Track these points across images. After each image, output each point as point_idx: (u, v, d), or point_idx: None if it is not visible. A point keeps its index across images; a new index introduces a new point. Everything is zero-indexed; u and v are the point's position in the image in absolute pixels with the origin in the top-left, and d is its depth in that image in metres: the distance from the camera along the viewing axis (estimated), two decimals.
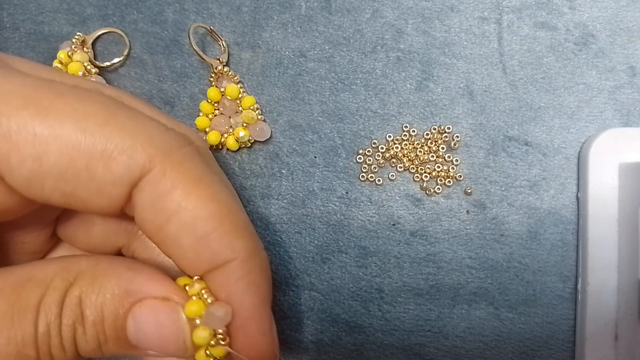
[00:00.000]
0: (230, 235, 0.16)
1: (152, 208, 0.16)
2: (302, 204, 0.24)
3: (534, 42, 0.25)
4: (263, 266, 0.17)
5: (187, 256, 0.16)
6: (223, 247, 0.16)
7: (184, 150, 0.16)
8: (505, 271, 0.24)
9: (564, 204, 0.24)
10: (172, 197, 0.15)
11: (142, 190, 0.15)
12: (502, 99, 0.24)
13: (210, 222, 0.16)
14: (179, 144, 0.16)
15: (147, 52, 0.25)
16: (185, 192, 0.15)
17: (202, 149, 0.20)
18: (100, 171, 0.15)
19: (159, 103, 0.25)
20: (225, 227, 0.16)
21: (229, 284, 0.16)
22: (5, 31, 0.25)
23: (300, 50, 0.25)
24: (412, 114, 0.24)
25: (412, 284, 0.24)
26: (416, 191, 0.24)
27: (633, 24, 0.25)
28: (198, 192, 0.16)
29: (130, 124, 0.15)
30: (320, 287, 0.24)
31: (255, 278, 0.16)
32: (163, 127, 0.16)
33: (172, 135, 0.16)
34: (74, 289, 0.15)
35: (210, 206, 0.16)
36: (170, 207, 0.15)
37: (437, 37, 0.25)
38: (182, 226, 0.16)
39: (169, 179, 0.15)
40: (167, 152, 0.15)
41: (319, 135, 0.24)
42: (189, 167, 0.16)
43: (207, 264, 0.16)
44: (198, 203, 0.16)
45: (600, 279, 0.23)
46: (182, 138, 0.16)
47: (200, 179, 0.16)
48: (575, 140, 0.24)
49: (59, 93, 0.15)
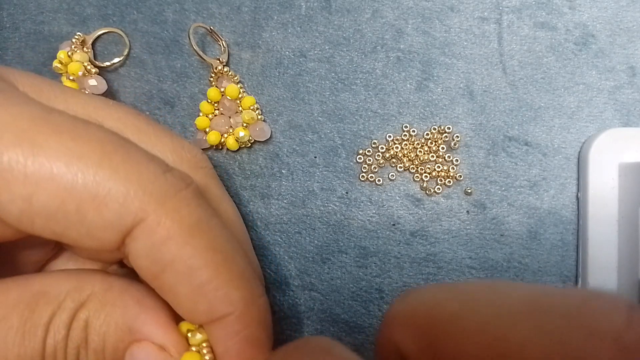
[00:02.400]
0: (227, 285, 0.15)
1: (147, 257, 0.15)
2: (302, 204, 0.24)
3: (534, 42, 0.25)
4: (261, 316, 0.16)
5: (184, 306, 0.16)
6: (219, 299, 0.15)
7: (180, 196, 0.15)
8: (505, 271, 0.24)
9: (564, 204, 0.24)
10: (167, 247, 0.15)
11: (136, 239, 0.15)
12: (502, 99, 0.24)
13: (206, 272, 0.15)
14: (176, 189, 0.15)
15: (147, 52, 0.25)
16: (180, 242, 0.15)
17: (200, 163, 0.19)
18: (91, 216, 0.14)
19: (159, 103, 0.25)
20: (221, 277, 0.15)
21: (226, 339, 0.16)
22: (5, 31, 0.25)
23: (300, 50, 0.25)
24: (412, 114, 0.24)
25: (412, 284, 0.24)
26: (416, 191, 0.24)
27: (633, 24, 0.25)
28: (194, 241, 0.15)
29: (125, 167, 0.15)
30: (320, 287, 0.24)
31: (253, 332, 0.16)
32: (161, 169, 0.16)
33: (169, 179, 0.16)
34: (83, 311, 0.15)
35: (206, 256, 0.15)
36: (165, 258, 0.15)
37: (437, 37, 0.25)
38: (177, 276, 0.15)
39: (164, 229, 0.15)
40: (162, 199, 0.15)
41: (319, 135, 0.24)
42: (184, 214, 0.15)
43: (205, 316, 0.16)
44: (194, 253, 0.15)
45: (600, 279, 0.23)
46: (180, 180, 0.16)
47: (196, 226, 0.15)
48: (575, 140, 0.24)
49: (55, 128, 0.14)
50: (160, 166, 0.16)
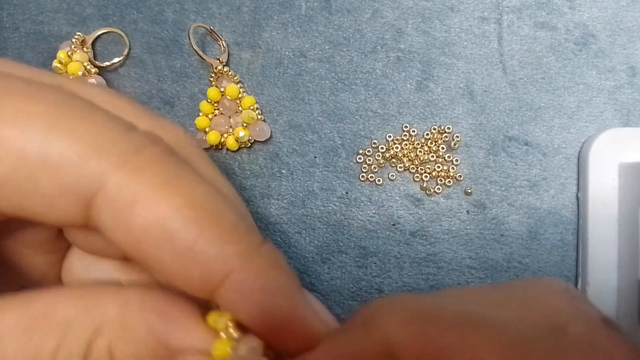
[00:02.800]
0: (217, 242, 0.13)
1: (119, 228, 0.13)
2: (302, 204, 0.24)
3: (534, 42, 0.25)
4: (270, 263, 0.14)
5: (177, 278, 0.14)
6: (212, 259, 0.13)
7: (145, 153, 0.14)
8: (505, 271, 0.24)
9: (564, 204, 0.24)
10: (137, 212, 0.13)
11: (102, 208, 0.13)
12: (502, 99, 0.24)
13: (189, 232, 0.13)
14: (139, 146, 0.14)
15: (147, 52, 0.25)
16: (151, 203, 0.13)
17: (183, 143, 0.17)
18: (44, 182, 0.13)
19: (159, 103, 0.25)
20: (208, 234, 0.13)
21: (242, 303, 0.14)
22: (5, 31, 0.25)
23: (300, 50, 0.25)
24: (412, 114, 0.24)
25: (412, 284, 0.24)
26: (416, 191, 0.24)
27: (633, 24, 0.25)
28: (168, 200, 0.13)
29: (82, 126, 0.13)
30: (320, 287, 0.24)
31: (266, 283, 0.14)
32: (123, 127, 0.14)
33: (132, 136, 0.14)
34: (101, 339, 0.13)
35: (186, 213, 0.13)
36: (138, 224, 0.13)
37: (437, 37, 0.25)
38: (157, 244, 0.13)
39: (128, 191, 0.13)
40: (123, 158, 0.13)
41: (319, 135, 0.24)
42: (152, 172, 0.13)
43: (203, 283, 0.14)
44: (169, 213, 0.13)
45: (600, 279, 0.23)
46: (145, 138, 0.14)
47: (168, 182, 0.13)
48: (575, 140, 0.24)
49: (7, 90, 0.13)
50: (121, 124, 0.14)
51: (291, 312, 0.14)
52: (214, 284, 0.14)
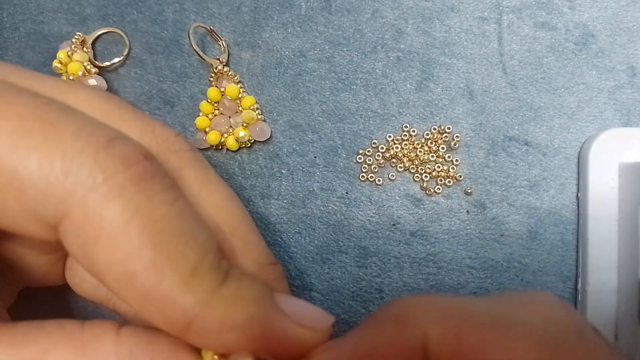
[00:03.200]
0: (177, 290, 0.13)
1: (83, 258, 0.13)
2: (302, 204, 0.24)
3: (534, 42, 0.25)
4: (230, 300, 0.14)
5: (142, 315, 0.14)
6: (172, 307, 0.13)
7: (113, 182, 0.13)
8: (505, 271, 0.24)
9: (564, 204, 0.24)
10: (98, 248, 0.13)
11: (66, 236, 0.13)
12: (502, 99, 0.24)
13: (149, 276, 0.13)
14: (108, 173, 0.13)
15: (147, 52, 0.25)
16: (111, 241, 0.13)
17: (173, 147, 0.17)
18: (11, 204, 0.13)
19: (159, 103, 0.25)
20: (168, 280, 0.13)
21: (210, 342, 0.14)
22: (5, 31, 0.25)
23: (300, 50, 0.25)
24: (412, 114, 0.24)
25: (412, 284, 0.24)
26: (416, 191, 0.24)
27: (633, 24, 0.25)
28: (128, 239, 0.13)
29: (47, 146, 0.12)
30: (320, 287, 0.24)
31: (229, 321, 0.14)
32: (94, 148, 0.13)
33: (102, 159, 0.13)
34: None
35: (146, 256, 0.13)
36: (99, 260, 0.13)
37: (437, 37, 0.25)
38: (118, 283, 0.13)
39: (91, 225, 0.12)
40: (88, 186, 0.12)
41: (319, 135, 0.24)
42: (117, 205, 0.13)
43: (167, 326, 0.14)
44: (130, 253, 0.13)
45: (600, 279, 0.23)
46: (118, 161, 0.13)
47: (131, 219, 0.13)
48: (575, 140, 0.24)
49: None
50: (93, 143, 0.13)
51: (267, 336, 0.14)
52: (177, 329, 0.14)
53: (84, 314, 0.24)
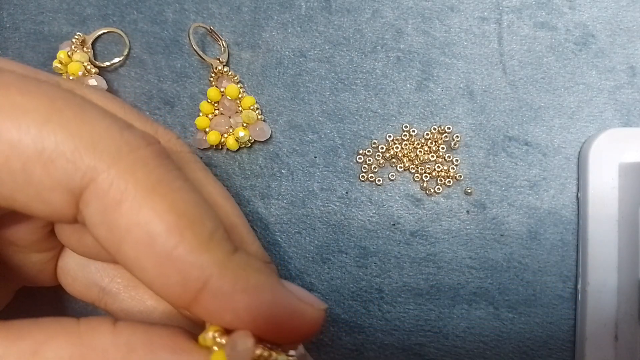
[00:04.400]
0: (196, 250, 0.14)
1: (103, 224, 0.14)
2: (302, 204, 0.24)
3: (534, 42, 0.25)
4: (243, 265, 0.15)
5: (156, 282, 0.14)
6: (191, 266, 0.14)
7: (138, 154, 0.14)
8: (505, 271, 0.24)
9: (564, 204, 0.24)
10: (121, 211, 0.13)
11: (89, 203, 0.14)
12: (502, 99, 0.24)
13: (169, 238, 0.13)
14: (132, 146, 0.14)
15: (147, 52, 0.25)
16: (136, 205, 0.13)
17: (175, 148, 0.18)
18: (38, 175, 0.13)
19: (159, 103, 0.25)
20: (187, 241, 0.14)
21: (221, 307, 0.14)
22: (5, 31, 0.25)
23: (300, 50, 0.25)
24: (412, 114, 0.24)
25: (412, 284, 0.24)
26: (416, 191, 0.24)
27: (633, 24, 0.25)
28: (152, 204, 0.13)
29: (76, 122, 0.13)
30: (320, 287, 0.24)
31: (241, 284, 0.14)
32: (118, 126, 0.14)
33: (127, 135, 0.14)
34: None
35: (168, 219, 0.13)
36: (121, 224, 0.13)
37: (437, 37, 0.25)
38: (138, 246, 0.14)
39: (116, 190, 0.13)
40: (115, 157, 0.13)
41: (319, 135, 0.24)
42: (142, 173, 0.14)
43: (182, 288, 0.14)
44: (152, 217, 0.13)
45: (600, 279, 0.23)
46: (140, 138, 0.14)
47: (155, 187, 0.14)
48: (575, 140, 0.24)
49: (3, 84, 0.13)
50: (117, 123, 0.14)
51: (273, 304, 0.15)
52: (191, 291, 0.14)
53: (84, 314, 0.24)
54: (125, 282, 0.19)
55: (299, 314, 0.15)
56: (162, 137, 0.18)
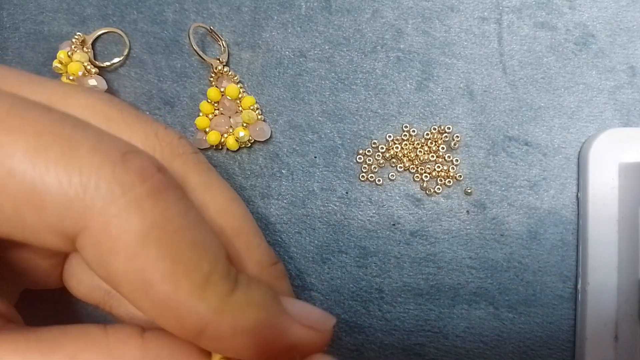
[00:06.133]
0: (192, 298, 0.14)
1: (99, 268, 0.13)
2: (302, 204, 0.24)
3: (534, 42, 0.25)
4: (242, 305, 0.14)
5: (156, 322, 0.14)
6: (187, 314, 0.14)
7: (131, 195, 0.13)
8: (505, 271, 0.24)
9: (564, 204, 0.24)
10: (115, 260, 0.13)
11: (84, 247, 0.13)
12: (502, 99, 0.24)
13: (165, 285, 0.13)
14: (126, 187, 0.13)
15: (147, 52, 0.25)
16: (129, 254, 0.13)
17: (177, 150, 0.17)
18: (30, 218, 0.13)
19: (159, 103, 0.25)
20: (183, 289, 0.13)
21: (221, 347, 0.14)
22: (5, 31, 0.25)
23: (300, 50, 0.25)
24: (412, 114, 0.24)
25: (412, 284, 0.24)
26: (416, 191, 0.24)
27: (633, 24, 0.25)
28: (147, 250, 0.13)
29: (64, 162, 0.13)
30: (320, 287, 0.24)
31: (240, 326, 0.14)
32: (111, 161, 0.13)
33: (119, 174, 0.13)
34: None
35: (163, 267, 0.13)
36: (116, 271, 0.13)
37: (437, 37, 0.25)
38: (134, 292, 0.13)
39: (108, 239, 0.13)
40: (108, 200, 0.13)
41: (319, 135, 0.24)
42: (136, 217, 0.13)
43: (181, 332, 0.14)
44: (146, 265, 0.13)
45: (600, 279, 0.23)
46: (135, 175, 0.13)
47: (149, 232, 0.13)
48: (575, 140, 0.24)
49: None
50: (109, 158, 0.13)
51: (275, 339, 0.15)
52: (190, 335, 0.14)
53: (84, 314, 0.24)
54: None
55: (302, 343, 0.15)
56: (162, 139, 0.18)
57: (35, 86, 0.16)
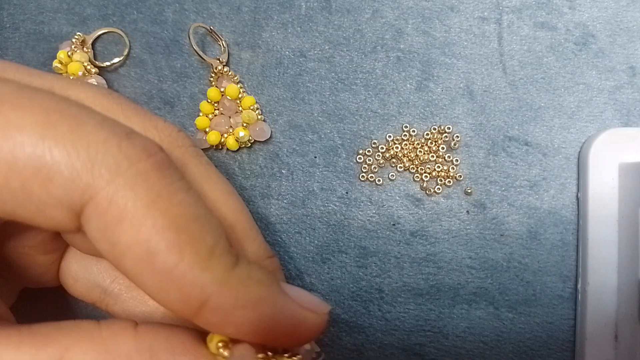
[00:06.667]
0: (196, 268, 0.14)
1: (104, 240, 0.14)
2: (302, 204, 0.24)
3: (534, 42, 0.25)
4: (244, 280, 0.15)
5: (157, 296, 0.14)
6: (191, 285, 0.14)
7: (137, 168, 0.14)
8: (505, 271, 0.24)
9: (564, 204, 0.24)
10: (121, 229, 0.13)
11: (89, 219, 0.13)
12: (502, 99, 0.24)
13: (170, 255, 0.13)
14: (132, 160, 0.14)
15: (147, 52, 0.25)
16: (135, 222, 0.13)
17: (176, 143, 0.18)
18: (37, 193, 0.13)
19: (159, 103, 0.25)
20: (188, 259, 0.14)
21: (222, 322, 0.14)
22: (5, 31, 0.25)
23: (300, 50, 0.25)
24: (412, 114, 0.24)
25: (412, 284, 0.24)
26: (416, 191, 0.24)
27: (633, 24, 0.25)
28: (152, 221, 0.13)
29: (72, 137, 0.13)
30: (320, 287, 0.24)
31: (242, 300, 0.14)
32: (117, 137, 0.14)
33: (125, 148, 0.14)
34: None
35: (168, 236, 0.13)
36: (121, 241, 0.13)
37: (437, 37, 0.25)
38: (138, 263, 0.13)
39: (115, 208, 0.13)
40: (114, 172, 0.13)
41: (319, 135, 0.24)
42: (142, 188, 0.13)
43: (182, 305, 0.14)
44: (152, 234, 0.13)
45: (600, 279, 0.23)
46: (140, 150, 0.14)
47: (154, 203, 0.13)
48: (575, 140, 0.24)
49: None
50: (115, 133, 0.14)
51: (275, 316, 0.15)
52: (192, 308, 0.14)
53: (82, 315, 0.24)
54: (127, 282, 0.19)
55: (300, 323, 0.15)
56: (162, 132, 0.18)
57: (34, 78, 0.16)
